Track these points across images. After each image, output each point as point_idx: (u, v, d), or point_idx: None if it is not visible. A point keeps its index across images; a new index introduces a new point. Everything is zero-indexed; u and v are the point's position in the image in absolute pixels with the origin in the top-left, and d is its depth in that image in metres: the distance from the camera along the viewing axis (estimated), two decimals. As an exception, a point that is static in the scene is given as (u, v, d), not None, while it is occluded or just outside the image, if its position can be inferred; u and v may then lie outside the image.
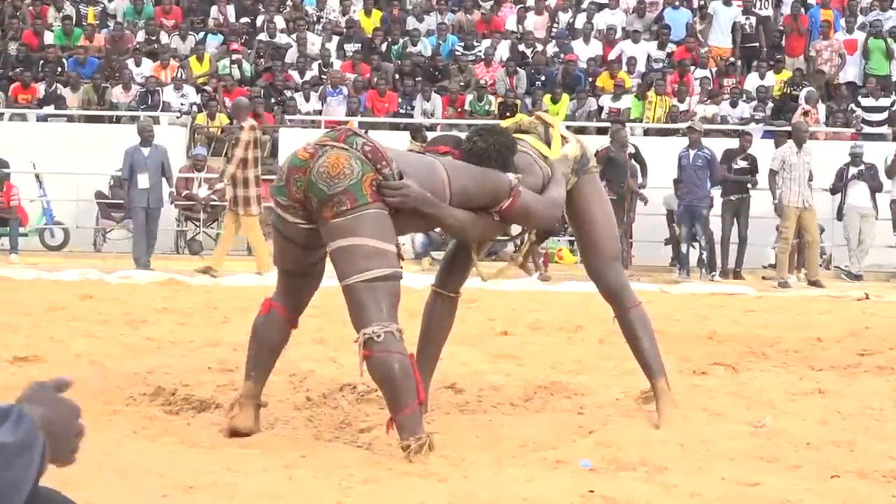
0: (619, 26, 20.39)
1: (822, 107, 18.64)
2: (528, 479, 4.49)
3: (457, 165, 5.13)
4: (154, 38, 20.32)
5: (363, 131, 5.11)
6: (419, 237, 15.74)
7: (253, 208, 13.49)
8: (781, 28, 20.40)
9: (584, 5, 20.84)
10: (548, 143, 5.48)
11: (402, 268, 4.92)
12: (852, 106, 18.70)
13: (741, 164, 15.65)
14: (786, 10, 20.46)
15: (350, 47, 20.27)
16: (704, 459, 4.87)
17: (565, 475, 4.57)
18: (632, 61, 19.57)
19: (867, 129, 18.25)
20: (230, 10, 20.98)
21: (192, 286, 11.82)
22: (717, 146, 15.90)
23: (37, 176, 17.41)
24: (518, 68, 19.43)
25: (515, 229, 5.66)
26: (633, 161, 15.54)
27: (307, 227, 4.95)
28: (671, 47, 20.03)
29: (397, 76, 19.75)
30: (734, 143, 16.31)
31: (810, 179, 14.92)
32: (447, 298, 5.62)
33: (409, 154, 5.25)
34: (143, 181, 13.96)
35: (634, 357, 5.71)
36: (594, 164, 5.72)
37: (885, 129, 18.32)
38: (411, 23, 20.83)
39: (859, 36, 19.64)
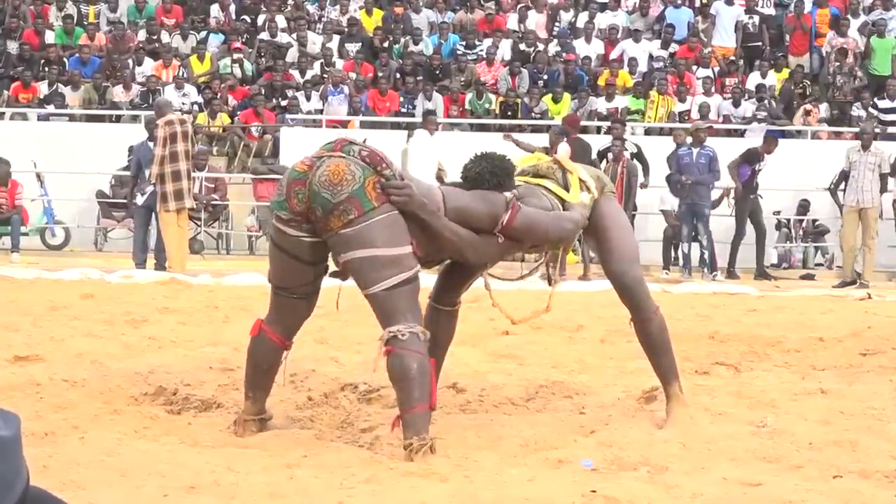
0: (621, 25, 20.38)
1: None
2: (529, 478, 4.49)
3: (453, 189, 5.19)
4: (155, 37, 20.31)
5: (363, 139, 5.11)
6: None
7: (170, 204, 13.00)
8: (784, 27, 20.35)
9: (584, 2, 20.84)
10: (566, 189, 5.44)
11: (418, 266, 4.93)
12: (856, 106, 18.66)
13: (762, 165, 15.57)
14: (789, 8, 20.42)
15: (351, 46, 20.26)
16: (706, 459, 4.87)
17: (567, 475, 4.56)
18: (633, 61, 19.54)
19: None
20: (231, 10, 20.98)
21: (193, 286, 11.80)
22: (719, 146, 15.86)
23: (38, 175, 17.38)
24: (521, 68, 19.41)
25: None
26: (635, 160, 15.52)
27: (310, 241, 4.95)
28: (674, 47, 20.01)
29: (398, 75, 19.74)
30: (736, 142, 16.26)
31: (884, 184, 14.85)
32: (445, 312, 5.59)
33: (406, 171, 5.29)
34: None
35: (651, 364, 5.66)
36: (610, 188, 5.69)
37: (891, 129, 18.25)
38: (415, 20, 20.77)
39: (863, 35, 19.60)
